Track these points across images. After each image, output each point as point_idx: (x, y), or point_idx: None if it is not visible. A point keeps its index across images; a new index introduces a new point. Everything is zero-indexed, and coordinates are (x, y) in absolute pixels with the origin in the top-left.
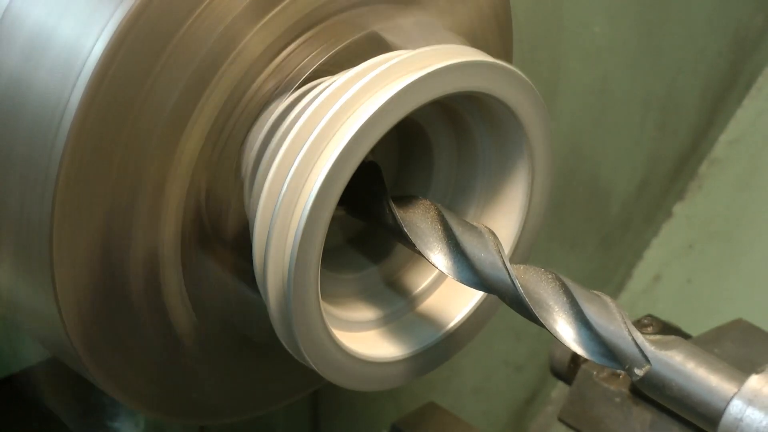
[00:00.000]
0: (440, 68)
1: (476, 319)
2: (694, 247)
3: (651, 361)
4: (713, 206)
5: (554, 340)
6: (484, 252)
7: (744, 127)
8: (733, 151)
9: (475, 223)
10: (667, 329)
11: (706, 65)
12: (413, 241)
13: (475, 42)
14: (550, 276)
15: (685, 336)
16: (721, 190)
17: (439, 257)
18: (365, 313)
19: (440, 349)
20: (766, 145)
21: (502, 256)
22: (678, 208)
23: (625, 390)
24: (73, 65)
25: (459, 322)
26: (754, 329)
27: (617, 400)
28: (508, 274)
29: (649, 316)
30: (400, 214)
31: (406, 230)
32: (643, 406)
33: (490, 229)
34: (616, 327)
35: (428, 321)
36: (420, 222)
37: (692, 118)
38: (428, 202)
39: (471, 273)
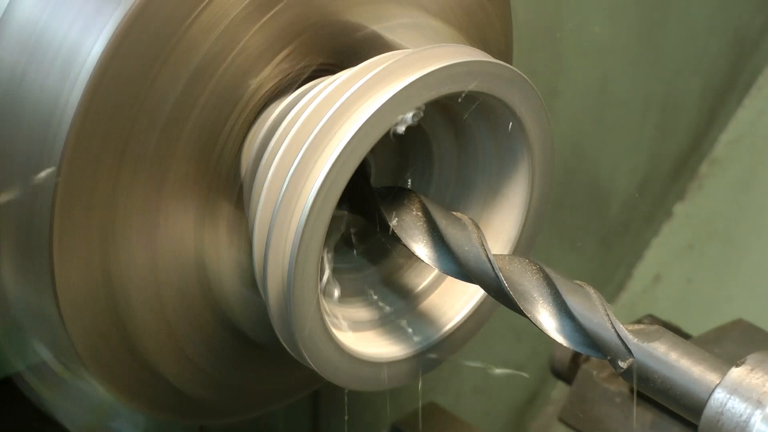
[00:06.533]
0: (440, 68)
1: (476, 319)
2: (694, 247)
3: (634, 353)
4: (713, 206)
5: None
6: (468, 245)
7: (744, 127)
8: (733, 151)
9: (458, 215)
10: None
11: (706, 65)
12: (397, 233)
13: (475, 42)
14: (534, 267)
15: (686, 336)
16: (721, 190)
17: (423, 249)
18: (365, 313)
19: (440, 349)
20: (766, 145)
21: (485, 249)
22: (678, 208)
23: (625, 390)
24: (73, 65)
25: (458, 322)
26: (754, 329)
27: (617, 400)
28: (492, 266)
29: (650, 316)
30: (383, 206)
31: (390, 223)
32: (643, 407)
33: (473, 221)
34: (599, 319)
35: (428, 321)
36: (404, 214)
37: (692, 118)
38: (413, 194)
39: (455, 265)
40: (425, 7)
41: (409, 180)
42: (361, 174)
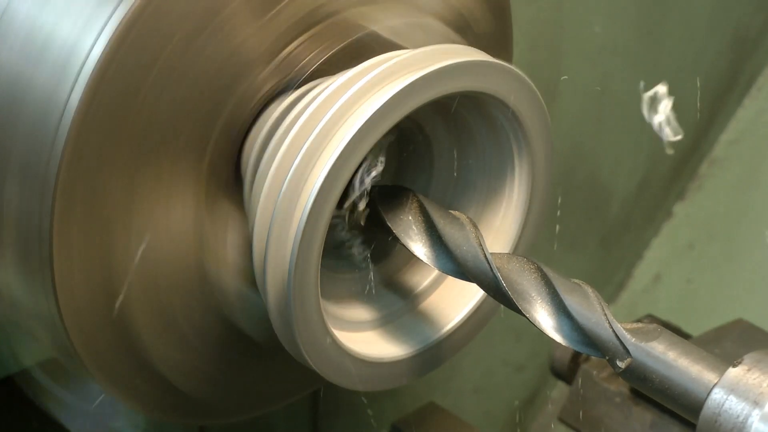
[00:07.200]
0: (440, 68)
1: (476, 319)
2: (694, 247)
3: (631, 352)
4: (713, 206)
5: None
6: (466, 244)
7: (744, 127)
8: (733, 151)
9: (456, 214)
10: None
11: (706, 65)
12: (395, 232)
13: (474, 42)
14: (532, 266)
15: (685, 336)
16: (721, 190)
17: (421, 248)
18: (365, 313)
19: (440, 349)
20: (766, 145)
21: (483, 248)
22: (678, 208)
23: (625, 390)
24: (73, 65)
25: (459, 322)
26: (754, 329)
27: (617, 400)
28: (489, 265)
29: (649, 316)
30: (382, 206)
31: (388, 223)
32: (643, 406)
33: (471, 220)
34: (597, 318)
35: (428, 321)
36: (403, 214)
37: (692, 118)
38: (411, 194)
39: (453, 264)
40: (424, 6)
41: (409, 179)
42: (357, 170)
